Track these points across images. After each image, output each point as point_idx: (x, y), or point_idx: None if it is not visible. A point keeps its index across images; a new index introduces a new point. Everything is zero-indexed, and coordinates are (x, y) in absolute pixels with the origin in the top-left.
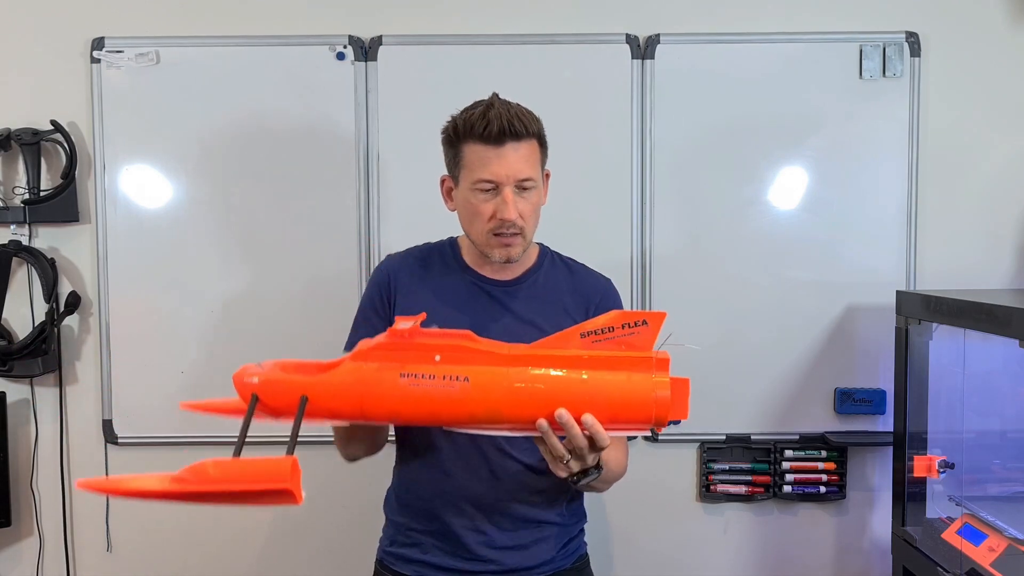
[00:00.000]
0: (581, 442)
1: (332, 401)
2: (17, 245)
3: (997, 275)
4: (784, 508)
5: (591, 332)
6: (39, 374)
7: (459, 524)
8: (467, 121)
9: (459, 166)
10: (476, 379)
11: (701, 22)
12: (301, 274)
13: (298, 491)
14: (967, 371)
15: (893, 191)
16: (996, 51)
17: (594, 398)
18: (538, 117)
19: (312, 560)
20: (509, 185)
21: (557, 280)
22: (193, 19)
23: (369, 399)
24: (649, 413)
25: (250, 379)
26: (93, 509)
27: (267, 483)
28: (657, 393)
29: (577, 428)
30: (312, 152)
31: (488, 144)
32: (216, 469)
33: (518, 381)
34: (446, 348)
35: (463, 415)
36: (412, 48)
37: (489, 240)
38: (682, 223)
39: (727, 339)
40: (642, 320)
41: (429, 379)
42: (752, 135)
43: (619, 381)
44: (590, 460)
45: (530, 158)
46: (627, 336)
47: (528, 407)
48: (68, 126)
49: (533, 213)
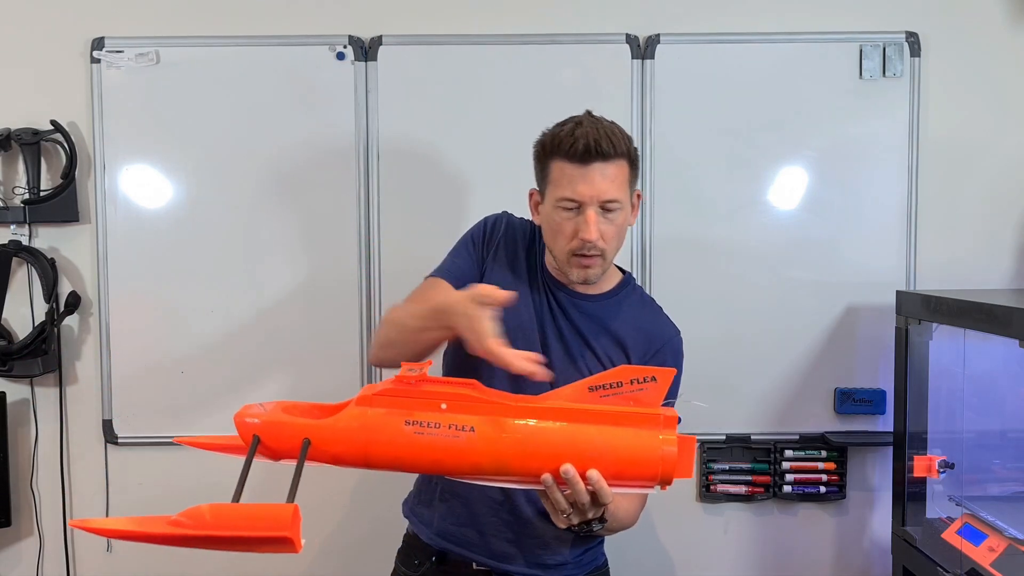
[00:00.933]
0: (584, 498)
1: (335, 446)
2: (17, 245)
3: (997, 275)
4: (784, 508)
5: (600, 386)
6: (39, 374)
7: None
8: (555, 137)
9: (546, 182)
10: (482, 429)
11: (701, 22)
12: (301, 274)
13: (298, 540)
14: (967, 371)
15: (893, 191)
16: (996, 51)
17: (600, 454)
18: (628, 136)
19: (317, 558)
20: (593, 206)
21: (627, 311)
22: (193, 19)
23: (373, 446)
24: (655, 471)
25: (252, 420)
26: (93, 509)
27: (267, 531)
28: (664, 450)
29: (581, 484)
30: (312, 152)
31: (574, 163)
32: (215, 514)
33: (524, 434)
34: (452, 397)
35: (467, 466)
36: (412, 48)
37: (569, 259)
38: (682, 223)
39: (727, 339)
40: (651, 376)
41: (434, 428)
42: (752, 135)
43: (626, 437)
44: (591, 515)
45: (617, 179)
46: (636, 392)
47: (534, 460)
48: (68, 126)
49: (616, 235)
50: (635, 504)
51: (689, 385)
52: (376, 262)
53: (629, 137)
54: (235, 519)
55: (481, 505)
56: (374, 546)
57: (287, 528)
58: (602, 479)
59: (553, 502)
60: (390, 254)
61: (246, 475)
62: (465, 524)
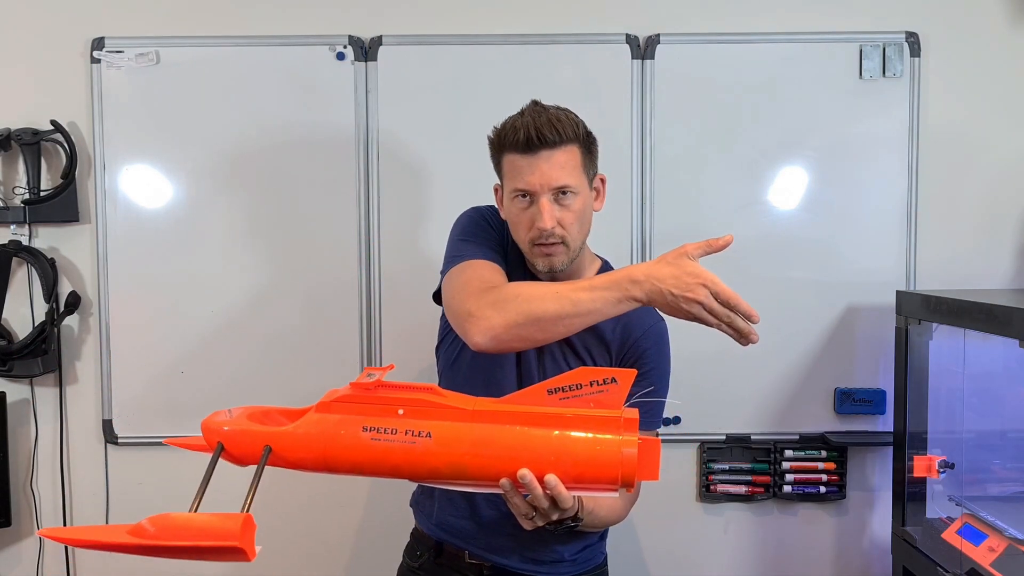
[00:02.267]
0: (543, 503)
1: (295, 452)
2: (17, 245)
3: (997, 275)
4: (784, 508)
5: (559, 388)
6: (39, 374)
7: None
8: (502, 131)
9: (501, 176)
10: (439, 435)
11: (701, 22)
12: (301, 274)
13: (250, 548)
14: (967, 371)
15: (893, 191)
16: (996, 51)
17: (559, 457)
18: (579, 121)
19: (317, 559)
20: (545, 194)
21: None
22: (193, 19)
23: (331, 452)
24: (615, 473)
25: (218, 426)
26: (93, 509)
27: (217, 540)
28: (623, 453)
29: (539, 489)
30: (312, 152)
31: (521, 153)
32: (166, 524)
33: (481, 438)
34: (410, 402)
35: (425, 471)
36: (412, 48)
37: (532, 250)
38: (682, 223)
39: (727, 339)
40: (611, 378)
41: (391, 434)
42: (752, 135)
43: (585, 440)
44: (554, 517)
45: (567, 165)
46: (595, 394)
47: (491, 464)
48: (68, 126)
49: (576, 221)
50: (619, 501)
51: (689, 384)
52: (376, 262)
53: (579, 122)
54: (186, 529)
55: (481, 498)
56: (385, 543)
57: (237, 538)
58: (560, 484)
59: (513, 506)
60: (390, 254)
61: (207, 483)
62: (464, 516)
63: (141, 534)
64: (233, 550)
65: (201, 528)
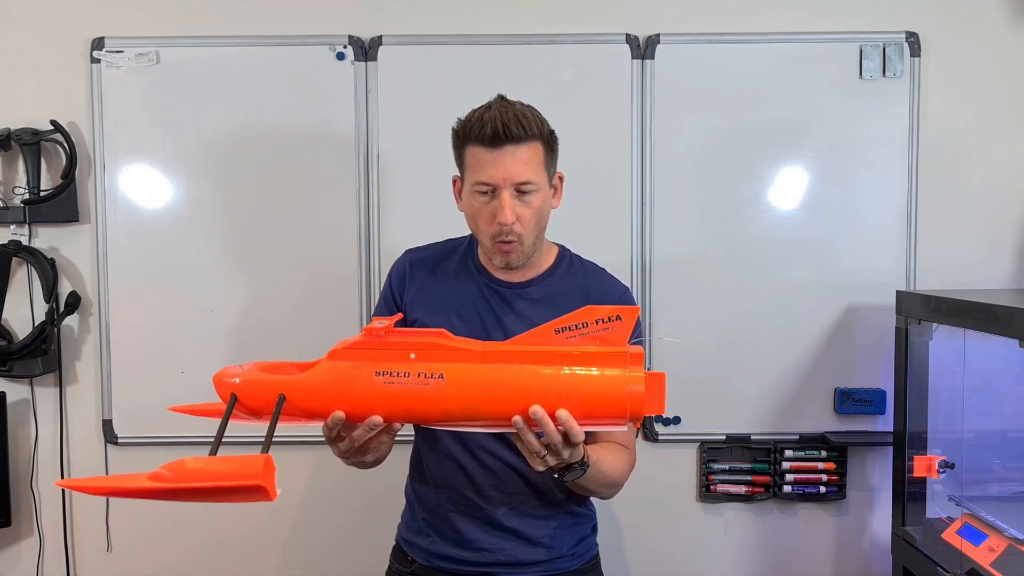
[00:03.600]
0: (556, 438)
1: (309, 400)
2: (17, 245)
3: (997, 275)
4: (784, 508)
5: (565, 328)
6: (39, 374)
7: (464, 513)
8: (467, 123)
9: (463, 168)
10: (451, 376)
11: (701, 22)
12: (301, 274)
13: (271, 487)
14: (967, 371)
15: (893, 191)
16: (996, 51)
17: (568, 394)
18: (543, 119)
19: (314, 558)
20: (507, 189)
21: (571, 284)
22: (193, 19)
23: (345, 397)
24: (623, 408)
25: (230, 379)
26: (93, 509)
27: (241, 480)
28: (631, 388)
29: (551, 424)
30: (312, 152)
31: (486, 147)
32: (192, 466)
33: (493, 378)
34: (421, 346)
35: (438, 412)
36: (412, 48)
37: (492, 244)
38: (682, 223)
39: (727, 339)
40: (615, 315)
41: (404, 377)
42: (752, 135)
43: (593, 376)
44: (565, 455)
45: (530, 161)
46: (601, 331)
47: (503, 403)
48: (68, 126)
49: (534, 218)
50: (620, 457)
51: (689, 384)
52: (376, 262)
53: (543, 120)
54: (211, 470)
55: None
56: (369, 544)
57: (260, 477)
58: (571, 418)
59: (526, 443)
60: (390, 254)
61: (223, 432)
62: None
63: (162, 479)
64: (255, 489)
65: (223, 470)
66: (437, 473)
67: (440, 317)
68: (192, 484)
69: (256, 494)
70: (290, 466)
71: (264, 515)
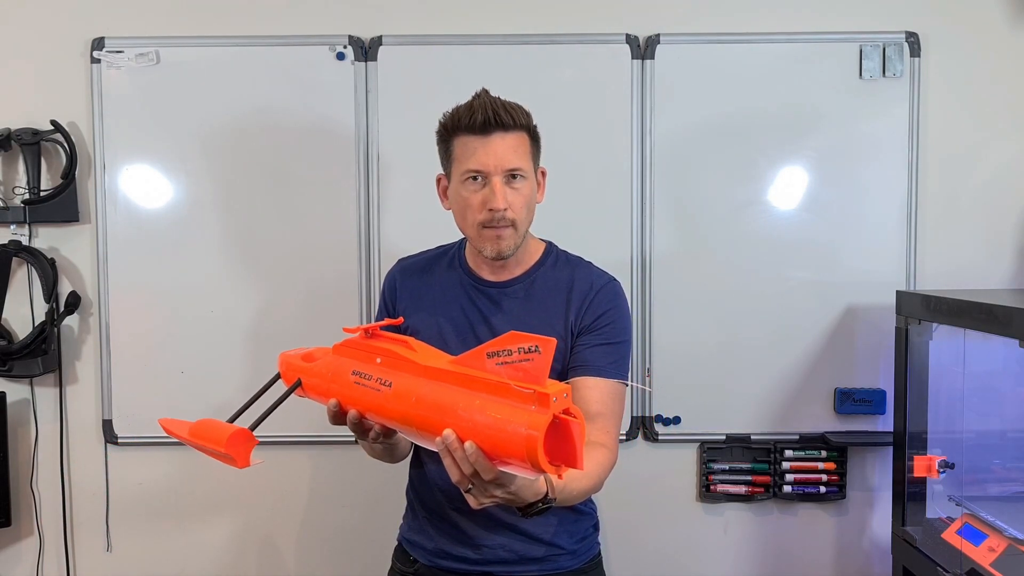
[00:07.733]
0: (467, 468)
1: (315, 389)
2: (17, 245)
3: (997, 275)
4: (784, 508)
5: (495, 353)
6: (39, 374)
7: (464, 511)
8: (455, 115)
9: (451, 160)
10: (397, 385)
11: (701, 22)
12: (301, 274)
13: (238, 456)
14: (967, 371)
15: (893, 191)
16: (996, 51)
17: (475, 426)
18: (528, 112)
19: (315, 559)
20: (498, 175)
21: (557, 279)
22: (193, 19)
23: (332, 390)
24: (521, 454)
25: (282, 357)
26: (93, 509)
27: (213, 444)
28: (525, 433)
29: (461, 452)
30: (312, 152)
31: (475, 134)
32: (201, 426)
33: (423, 393)
34: (385, 352)
35: (385, 417)
36: (412, 48)
37: (481, 233)
38: (682, 223)
39: (727, 339)
40: (534, 346)
41: (367, 379)
42: (752, 135)
43: (501, 411)
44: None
45: (519, 149)
46: (523, 362)
47: (428, 422)
48: (68, 126)
49: (525, 206)
50: (591, 463)
51: (689, 384)
52: (376, 261)
53: (528, 113)
54: (204, 432)
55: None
56: (370, 545)
57: (222, 444)
58: (479, 453)
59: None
60: (390, 254)
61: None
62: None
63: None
64: (224, 456)
65: (207, 432)
66: (436, 472)
67: (430, 320)
68: (191, 439)
69: (227, 459)
70: (292, 467)
71: (265, 515)
